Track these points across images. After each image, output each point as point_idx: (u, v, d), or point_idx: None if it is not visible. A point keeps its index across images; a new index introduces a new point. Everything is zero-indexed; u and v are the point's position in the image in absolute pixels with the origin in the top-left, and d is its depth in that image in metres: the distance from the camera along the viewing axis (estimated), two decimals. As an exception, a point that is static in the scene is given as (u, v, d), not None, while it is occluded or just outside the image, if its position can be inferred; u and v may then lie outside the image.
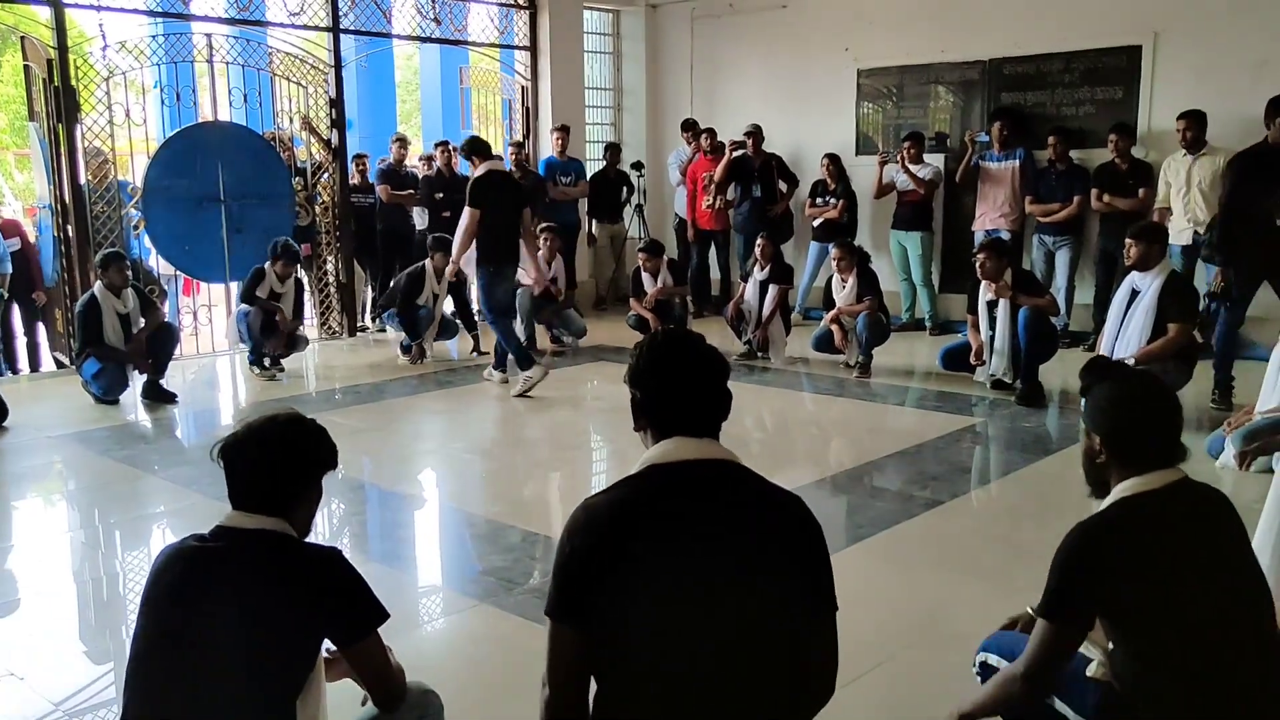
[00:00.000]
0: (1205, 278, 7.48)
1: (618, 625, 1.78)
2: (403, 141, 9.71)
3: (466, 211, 6.76)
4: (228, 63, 8.38)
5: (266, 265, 7.45)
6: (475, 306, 7.83)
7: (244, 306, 7.44)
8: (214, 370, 8.05)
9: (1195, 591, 1.99)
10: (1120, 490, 2.07)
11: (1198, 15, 7.74)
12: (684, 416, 1.90)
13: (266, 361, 7.49)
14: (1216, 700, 1.96)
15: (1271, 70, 7.45)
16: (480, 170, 6.83)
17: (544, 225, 8.70)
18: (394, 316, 8.11)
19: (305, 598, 2.00)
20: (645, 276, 8.25)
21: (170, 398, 6.72)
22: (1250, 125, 7.51)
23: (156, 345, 6.76)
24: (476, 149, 6.95)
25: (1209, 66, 7.70)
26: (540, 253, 8.40)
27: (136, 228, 8.10)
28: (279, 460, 2.08)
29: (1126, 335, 5.73)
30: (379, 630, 2.09)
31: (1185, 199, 7.46)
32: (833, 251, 7.64)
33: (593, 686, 1.88)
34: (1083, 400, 2.22)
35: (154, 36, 8.00)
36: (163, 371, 6.80)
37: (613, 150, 10.48)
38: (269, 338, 7.52)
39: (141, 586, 2.05)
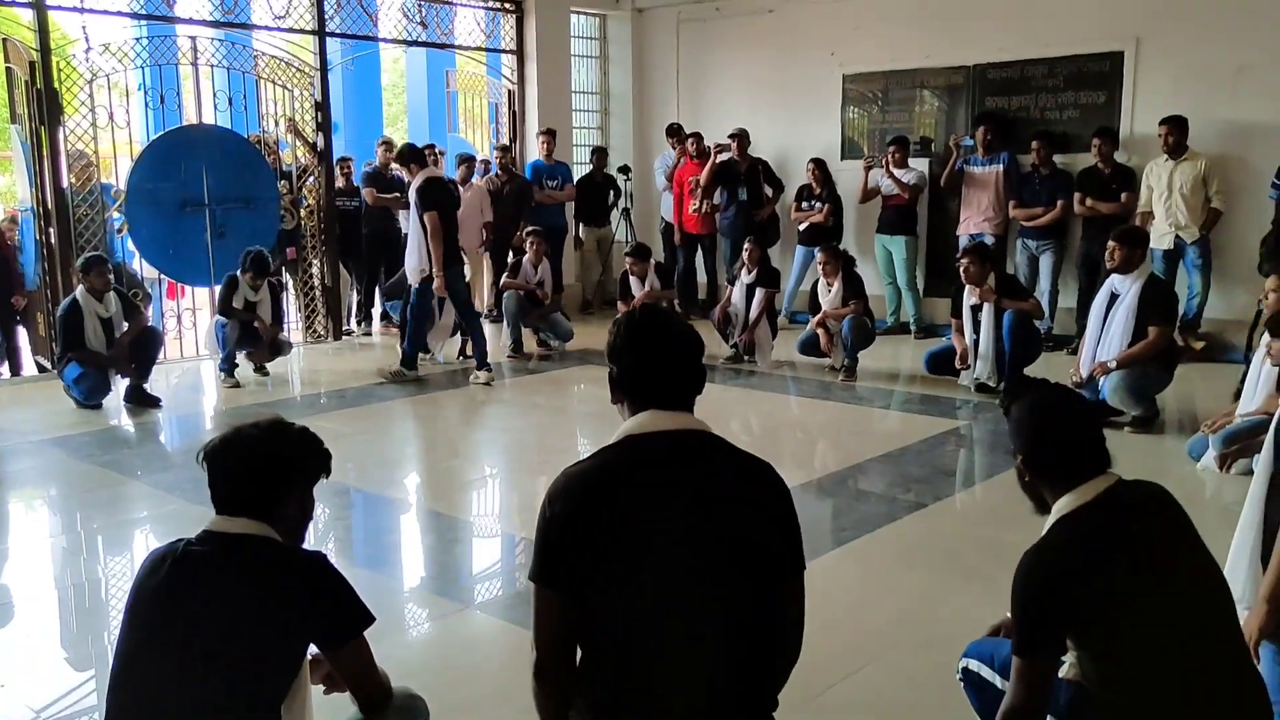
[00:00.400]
0: (1186, 281, 7.57)
1: (598, 590, 1.84)
2: (388, 145, 9.69)
3: (427, 216, 6.99)
4: (212, 65, 8.35)
5: (238, 273, 7.37)
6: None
7: (220, 319, 7.36)
8: (198, 375, 8.01)
9: (1150, 590, 2.00)
10: (1058, 509, 2.08)
11: (1178, 22, 7.80)
12: (659, 390, 1.96)
13: (236, 370, 7.38)
14: (1182, 693, 1.96)
15: (1250, 76, 7.52)
16: (421, 178, 7.11)
17: (530, 229, 8.72)
18: (398, 306, 8.15)
19: (291, 601, 2.01)
20: (633, 280, 8.26)
21: (154, 402, 6.69)
22: (1230, 130, 7.61)
23: (139, 350, 6.73)
24: (415, 157, 7.26)
25: (1189, 72, 7.76)
26: (527, 256, 8.44)
27: (120, 231, 8.06)
28: (258, 465, 2.09)
29: (1108, 338, 5.76)
30: (365, 635, 2.10)
31: (1167, 203, 7.52)
32: (818, 255, 7.67)
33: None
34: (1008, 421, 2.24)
35: (138, 39, 7.97)
36: (146, 376, 6.77)
37: (599, 154, 10.49)
38: (253, 346, 7.49)
39: (124, 592, 2.06)
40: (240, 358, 7.48)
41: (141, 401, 6.66)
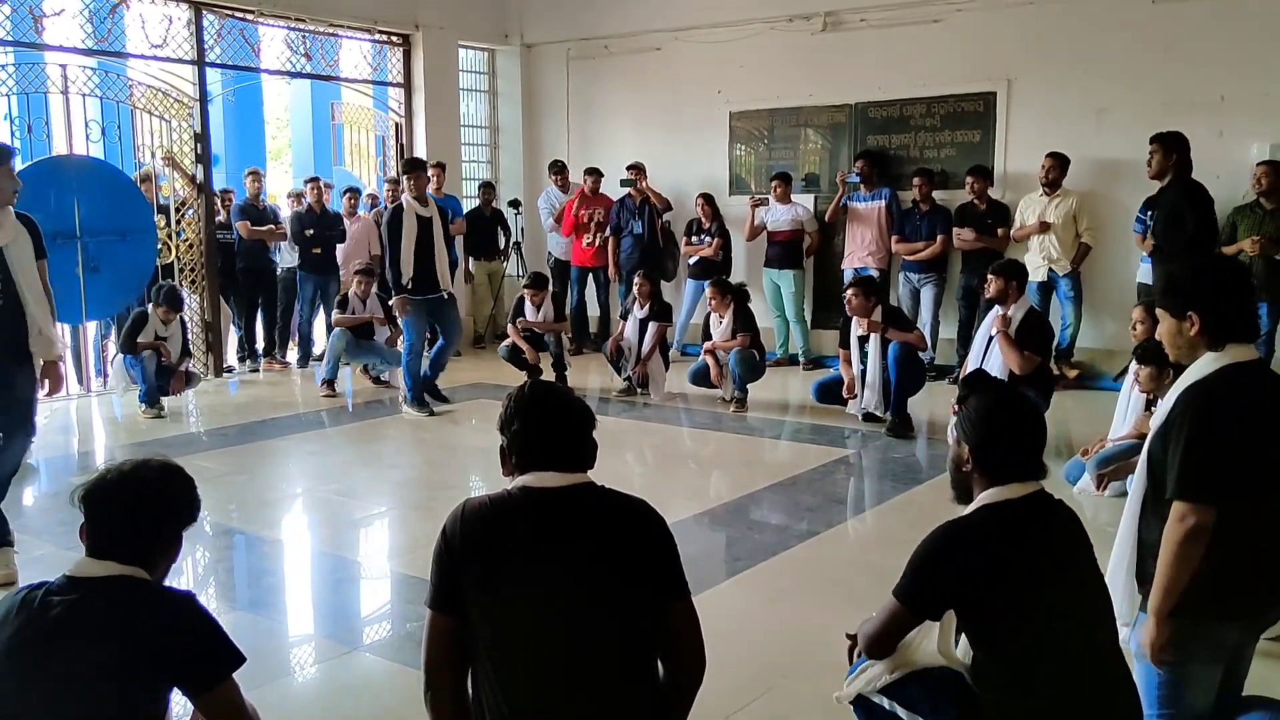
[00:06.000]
0: (1060, 313, 7.89)
1: (489, 614, 1.97)
2: (255, 175, 9.44)
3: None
4: (85, 95, 8.04)
5: (149, 309, 7.32)
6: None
7: (127, 357, 7.25)
8: (68, 414, 7.63)
9: (1046, 595, 2.14)
10: (982, 499, 2.24)
11: (1046, 64, 8.18)
12: (551, 455, 2.10)
13: (161, 401, 7.31)
14: (1066, 701, 2.09)
15: (1110, 118, 7.92)
16: None
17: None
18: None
19: (157, 644, 1.93)
20: (528, 307, 8.18)
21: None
22: (1095, 168, 7.99)
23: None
24: None
25: (1057, 113, 8.13)
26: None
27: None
28: (155, 509, 2.03)
29: (989, 368, 5.95)
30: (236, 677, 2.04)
31: (1040, 238, 7.84)
32: (707, 290, 7.75)
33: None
34: (958, 409, 2.37)
35: (3, 66, 7.63)
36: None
37: (486, 189, 10.45)
38: (166, 378, 7.38)
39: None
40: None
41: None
